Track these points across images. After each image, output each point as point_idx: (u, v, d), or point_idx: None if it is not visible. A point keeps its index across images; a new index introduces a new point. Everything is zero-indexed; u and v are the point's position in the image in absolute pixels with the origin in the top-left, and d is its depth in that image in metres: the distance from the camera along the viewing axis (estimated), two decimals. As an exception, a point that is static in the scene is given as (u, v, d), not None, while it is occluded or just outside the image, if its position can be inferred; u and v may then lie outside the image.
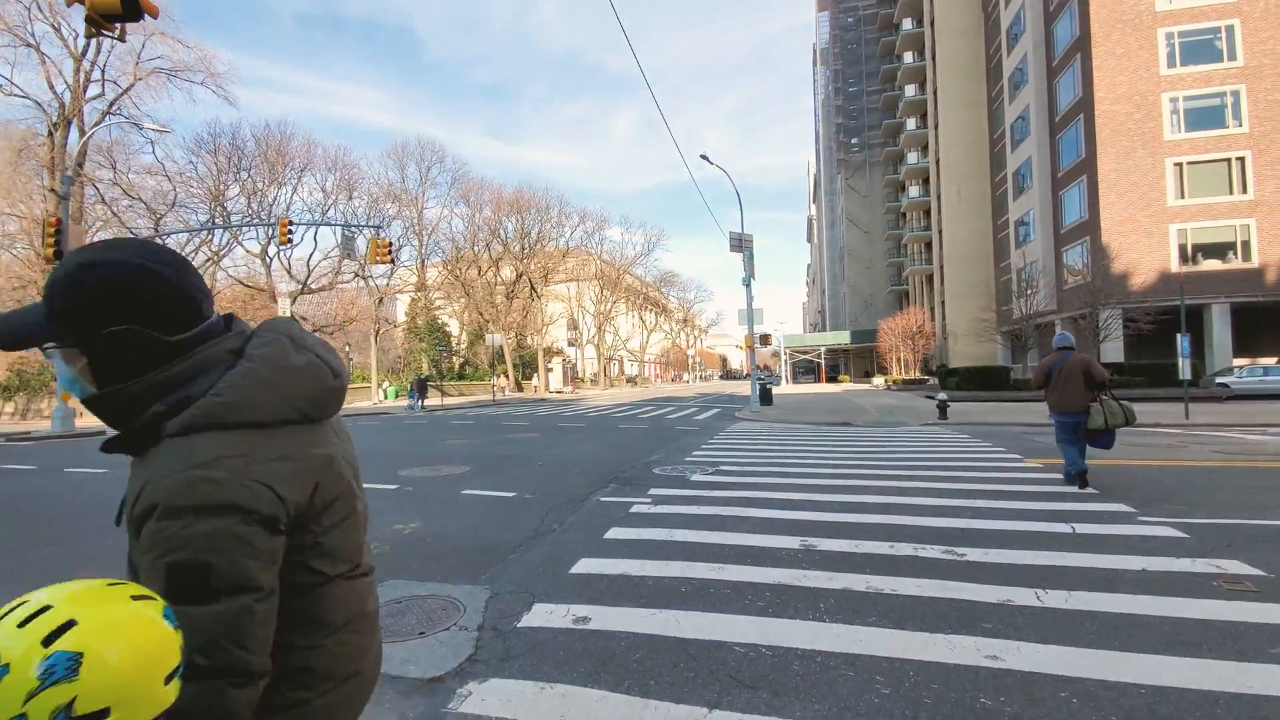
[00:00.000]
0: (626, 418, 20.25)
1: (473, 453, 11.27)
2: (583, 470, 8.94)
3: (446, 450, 11.72)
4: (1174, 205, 28.55)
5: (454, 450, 11.71)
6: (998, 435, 13.06)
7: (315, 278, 46.24)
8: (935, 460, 9.44)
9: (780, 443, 12.16)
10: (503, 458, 10.37)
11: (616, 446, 11.94)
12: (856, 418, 18.79)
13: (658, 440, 12.97)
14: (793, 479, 7.91)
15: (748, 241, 22.96)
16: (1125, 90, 29.14)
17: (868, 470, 8.52)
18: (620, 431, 15.21)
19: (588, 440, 13.17)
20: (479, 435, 14.60)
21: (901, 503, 6.42)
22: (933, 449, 10.86)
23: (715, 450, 11.04)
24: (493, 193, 50.29)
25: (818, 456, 10.05)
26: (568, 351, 72.80)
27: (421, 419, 21.48)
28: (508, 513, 6.38)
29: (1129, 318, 25.66)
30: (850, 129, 70.43)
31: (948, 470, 8.44)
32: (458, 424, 18.46)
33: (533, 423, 18.30)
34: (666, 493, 7.15)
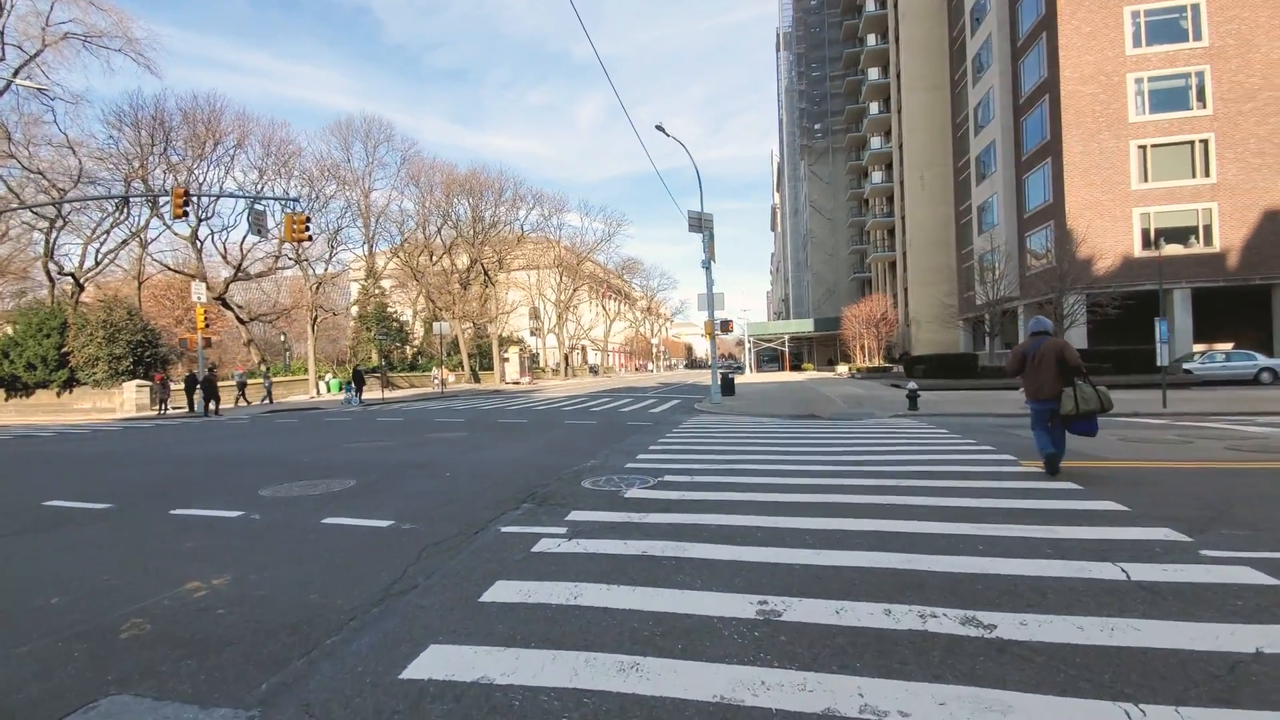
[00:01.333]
0: (576, 411, 18.59)
1: (374, 459, 9.46)
2: (497, 483, 7.26)
3: (342, 457, 9.87)
4: (1138, 188, 28.12)
5: (353, 457, 9.88)
6: (977, 430, 11.84)
7: (250, 262, 43.15)
8: (918, 463, 8.06)
9: (740, 441, 10.68)
10: (406, 467, 8.60)
11: (552, 448, 10.28)
12: (822, 409, 17.51)
13: (602, 439, 11.36)
14: (752, 493, 6.39)
15: (707, 221, 21.42)
16: (1091, 70, 28.51)
17: (842, 479, 7.06)
18: (564, 428, 13.55)
19: (522, 440, 11.47)
20: (398, 436, 12.75)
21: (890, 530, 4.94)
22: (911, 448, 9.50)
23: (665, 452, 9.49)
24: (444, 173, 47.61)
25: (782, 459, 8.58)
26: (529, 341, 70.59)
27: (346, 416, 19.42)
28: (367, 555, 4.68)
29: (1095, 303, 25.07)
30: (813, 114, 69.55)
31: (936, 478, 7.03)
32: (385, 421, 16.51)
33: (470, 419, 16.48)
34: (590, 518, 5.54)
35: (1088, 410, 6.57)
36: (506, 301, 66.74)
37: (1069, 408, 6.58)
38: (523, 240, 50.06)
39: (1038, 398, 6.87)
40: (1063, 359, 6.65)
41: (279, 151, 38.74)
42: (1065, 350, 6.69)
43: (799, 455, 8.92)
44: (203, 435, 14.60)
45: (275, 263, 42.96)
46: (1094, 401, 6.57)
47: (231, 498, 6.86)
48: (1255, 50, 27.60)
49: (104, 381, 26.55)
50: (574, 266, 60.96)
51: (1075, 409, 6.56)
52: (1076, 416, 6.64)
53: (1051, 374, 6.71)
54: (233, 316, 45.37)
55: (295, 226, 17.41)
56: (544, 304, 63.14)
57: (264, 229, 17.99)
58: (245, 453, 10.86)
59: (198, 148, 38.08)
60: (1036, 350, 6.88)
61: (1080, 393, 6.58)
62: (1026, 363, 6.97)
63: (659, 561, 4.28)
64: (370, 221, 50.21)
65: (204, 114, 38.15)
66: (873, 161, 55.90)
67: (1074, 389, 6.62)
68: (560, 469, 8.13)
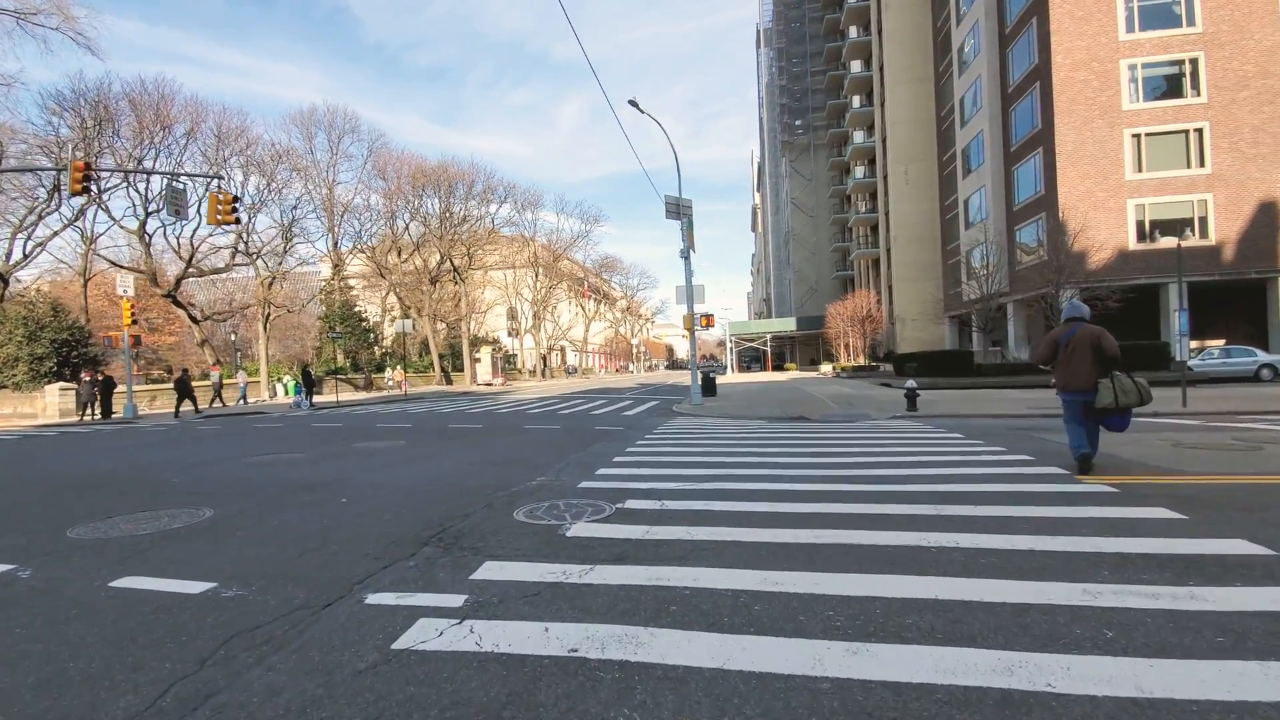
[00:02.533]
0: (543, 415, 16.79)
1: (267, 478, 7.60)
2: (402, 513, 5.47)
3: (232, 474, 8.00)
4: (1132, 179, 27.08)
5: (245, 474, 8.01)
6: (989, 432, 10.29)
7: (202, 257, 40.54)
8: (937, 478, 6.44)
9: (722, 450, 8.99)
10: (299, 489, 6.76)
11: (499, 460, 8.51)
12: (812, 410, 15.93)
13: (562, 448, 9.60)
14: (740, 527, 4.69)
15: (685, 207, 19.77)
16: (1083, 56, 27.43)
17: (853, 503, 5.40)
18: (521, 435, 11.76)
19: (466, 450, 9.66)
20: (321, 445, 10.84)
21: (955, 598, 3.26)
22: (924, 458, 7.90)
23: (632, 465, 7.77)
24: (412, 165, 45.39)
25: (773, 473, 6.91)
26: (506, 342, 68.47)
27: (281, 422, 17.39)
28: (119, 660, 2.87)
29: (1093, 296, 23.86)
30: (795, 110, 68.46)
31: (965, 500, 5.40)
32: (321, 427, 14.54)
33: (418, 424, 14.59)
34: (507, 575, 3.79)
35: (1127, 404, 6.04)
36: (481, 301, 64.62)
37: (1106, 400, 6.04)
38: (494, 235, 47.92)
39: (1070, 389, 6.35)
40: (1100, 347, 6.12)
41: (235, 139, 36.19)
42: (1103, 338, 6.15)
43: (793, 468, 7.25)
44: (96, 445, 12.55)
45: (233, 258, 40.40)
46: (1134, 395, 6.03)
47: (28, 538, 4.98)
48: (1249, 37, 26.72)
49: (25, 384, 24.10)
50: (550, 264, 59.02)
51: (1114, 402, 6.03)
52: (1114, 410, 6.11)
53: (1087, 364, 6.17)
54: (185, 315, 42.67)
55: (220, 208, 15.38)
56: (520, 304, 61.11)
57: (183, 209, 15.91)
58: (117, 469, 8.91)
59: (146, 135, 35.42)
60: (1071, 338, 6.33)
61: (1119, 384, 6.06)
62: (1059, 351, 6.41)
63: (595, 675, 2.54)
64: (334, 216, 47.83)
65: (152, 99, 35.51)
66: (855, 157, 54.78)
67: (1112, 380, 6.10)
68: (496, 489, 6.36)
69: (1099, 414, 6.30)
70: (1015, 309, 30.96)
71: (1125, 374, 6.15)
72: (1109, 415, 6.24)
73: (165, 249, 39.82)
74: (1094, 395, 6.18)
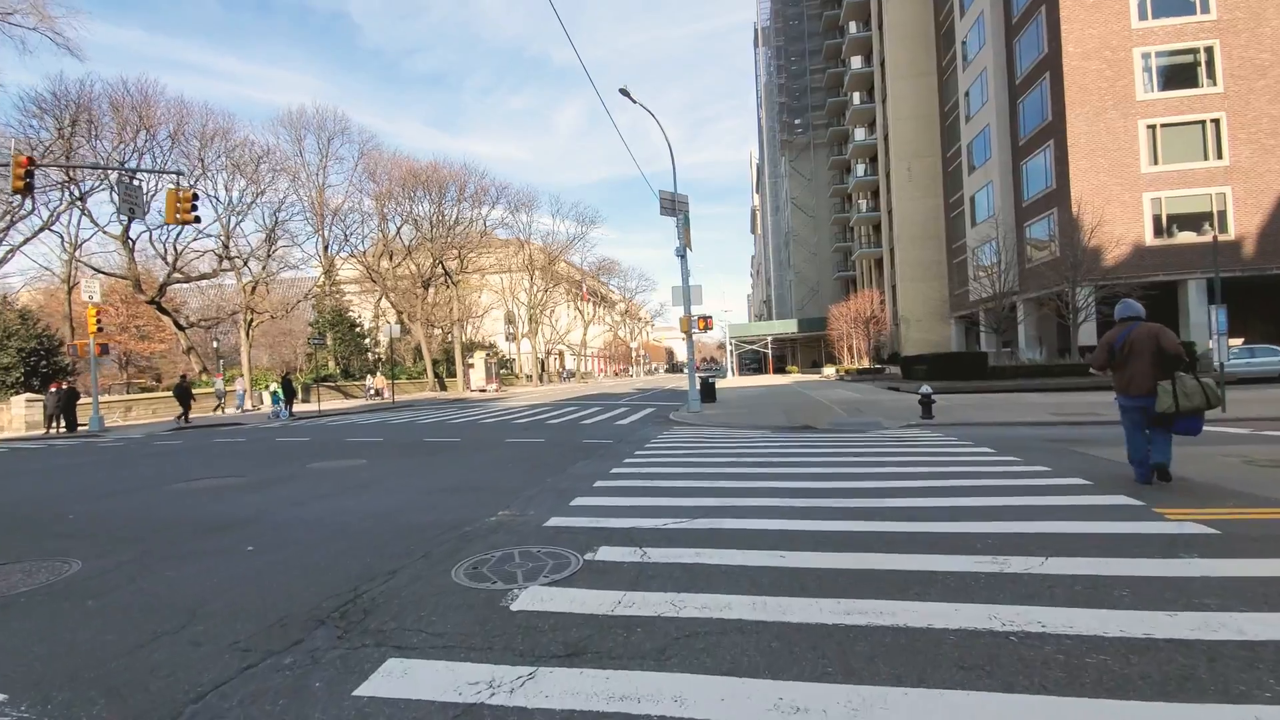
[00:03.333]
0: (529, 425, 15.66)
1: (183, 511, 6.47)
2: (313, 569, 4.34)
3: (146, 504, 6.87)
4: (1148, 171, 25.99)
5: (162, 503, 6.88)
6: (1026, 446, 9.16)
7: (187, 261, 39.46)
8: (983, 513, 5.30)
9: (719, 472, 7.85)
10: (205, 530, 5.62)
11: (463, 485, 7.37)
12: (818, 418, 14.80)
13: (540, 467, 8.47)
14: (734, 595, 3.56)
15: (681, 204, 18.66)
16: (1095, 44, 26.36)
17: (875, 550, 4.27)
18: (499, 451, 10.62)
19: (430, 472, 8.52)
20: (268, 466, 9.69)
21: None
22: (958, 482, 6.76)
23: (614, 493, 6.63)
24: (403, 167, 44.35)
25: (777, 508, 5.77)
26: (504, 347, 67.40)
27: (244, 436, 16.27)
28: None
29: (1113, 294, 22.67)
30: (794, 109, 67.45)
31: (1029, 548, 4.28)
32: (285, 441, 13.40)
33: (391, 438, 13.44)
34: (404, 692, 2.66)
35: (1190, 408, 5.61)
36: (478, 305, 63.53)
37: (1166, 404, 5.64)
38: (487, 237, 46.84)
39: (1128, 392, 5.98)
40: (1160, 348, 5.73)
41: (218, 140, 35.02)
42: (1162, 337, 5.76)
43: (803, 495, 6.11)
44: (30, 465, 11.41)
45: (220, 263, 39.28)
46: (1198, 397, 5.61)
47: None
48: (1265, 24, 25.66)
49: (-9, 396, 22.97)
50: (546, 267, 57.96)
51: (1174, 405, 5.61)
52: (1177, 415, 5.70)
53: (1145, 365, 5.80)
54: (171, 322, 41.52)
55: (179, 205, 14.27)
56: (518, 308, 60.05)
57: (138, 207, 14.80)
58: (21, 497, 7.79)
59: (128, 135, 34.31)
60: (1126, 338, 5.98)
61: (1181, 386, 5.64)
62: (1115, 353, 6.07)
63: None
64: (324, 220, 46.78)
65: (134, 100, 34.42)
66: (856, 155, 53.72)
67: (1173, 383, 5.68)
68: (446, 529, 5.22)
69: (1162, 421, 5.83)
70: (1026, 308, 29.84)
71: (1190, 374, 5.72)
72: (1176, 421, 5.79)
73: (156, 255, 38.82)
74: (1153, 399, 5.74)
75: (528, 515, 5.65)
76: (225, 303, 50.59)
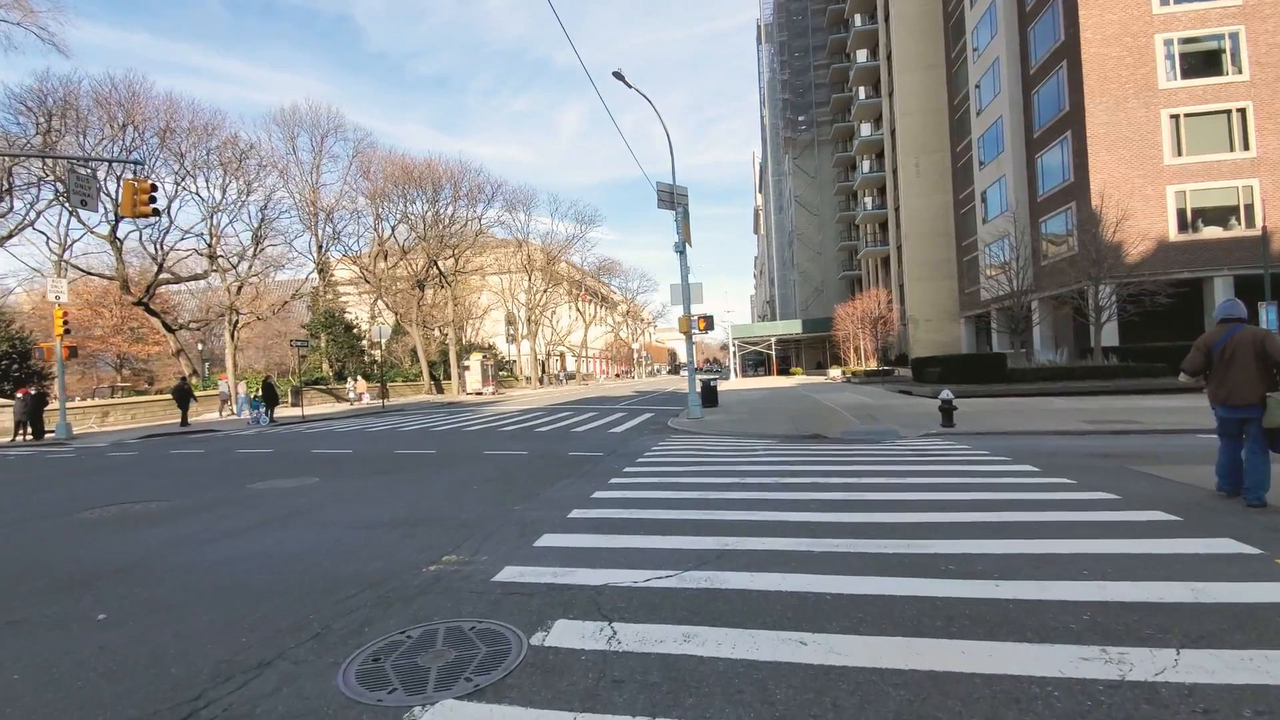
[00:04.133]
0: (516, 433, 14.52)
1: (46, 556, 5.32)
2: (159, 657, 3.21)
3: (22, 545, 5.74)
4: (1171, 163, 24.72)
5: (38, 544, 5.75)
6: (1075, 463, 7.96)
7: (175, 262, 38.45)
8: (1050, 563, 4.14)
9: (719, 497, 6.68)
10: (68, 583, 4.45)
11: (410, 518, 6.21)
12: (829, 425, 13.63)
13: (512, 490, 7.32)
14: (736, 707, 2.39)
15: (680, 196, 17.50)
16: (1115, 30, 25.12)
17: (923, 630, 3.10)
18: (473, 467, 9.48)
19: (387, 493, 7.38)
20: (206, 486, 8.54)
21: None
22: (1003, 515, 5.60)
23: (590, 526, 5.48)
24: (397, 165, 43.28)
25: (789, 553, 4.60)
26: (505, 348, 66.33)
27: (207, 445, 15.15)
28: None
29: (1141, 291, 21.47)
30: (798, 106, 66.21)
31: (1143, 634, 3.13)
32: (245, 454, 12.27)
33: (361, 450, 12.30)
34: None
35: None
36: (478, 306, 62.44)
37: (1277, 419, 5.07)
38: (482, 235, 45.72)
39: (1229, 403, 5.47)
40: (1265, 353, 5.27)
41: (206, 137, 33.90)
42: (1268, 341, 5.31)
43: (820, 533, 4.94)
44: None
45: (212, 264, 38.22)
46: None
47: None
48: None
49: (-41, 401, 21.91)
50: (545, 267, 56.85)
51: None
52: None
53: (1248, 373, 5.32)
54: (159, 323, 40.49)
55: (137, 196, 13.17)
56: (517, 309, 58.98)
57: (90, 199, 13.70)
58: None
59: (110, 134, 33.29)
60: (1226, 342, 5.46)
61: None
62: (1212, 359, 5.58)
63: None
64: (318, 220, 45.76)
65: (121, 97, 33.39)
66: (862, 151, 52.46)
67: None
68: (365, 586, 4.07)
69: (1272, 436, 5.26)
70: (1041, 307, 28.57)
71: None
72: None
73: (148, 256, 37.84)
74: (1258, 412, 5.24)
75: (476, 563, 4.49)
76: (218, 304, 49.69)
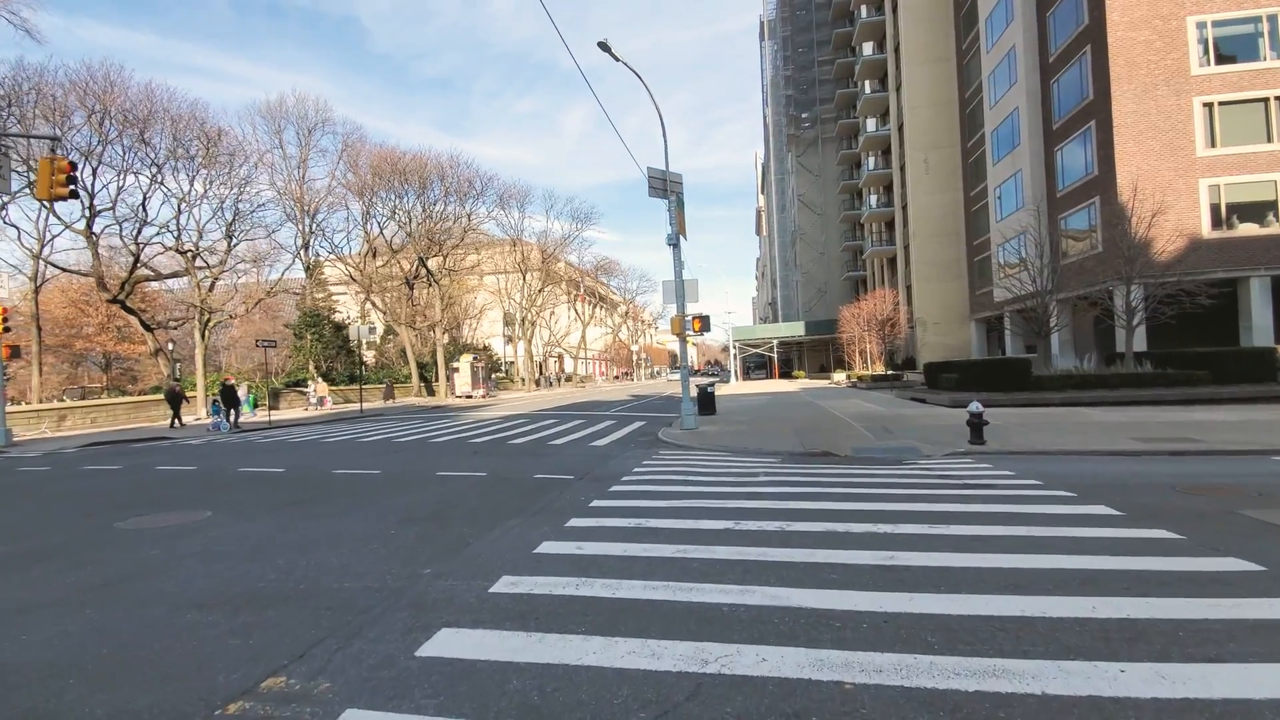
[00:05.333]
0: (486, 447, 12.85)
1: None
2: None
3: None
4: (1205, 155, 23.00)
5: None
6: (1161, 508, 6.28)
7: (150, 258, 36.81)
8: (1239, 708, 2.42)
9: (709, 544, 4.99)
10: None
11: (266, 593, 4.54)
12: (838, 439, 11.96)
13: (443, 533, 5.67)
14: None
15: (674, 183, 15.83)
16: (1144, 13, 23.42)
17: None
18: (414, 492, 7.81)
19: (276, 545, 5.71)
20: (75, 521, 6.87)
21: None
22: (1107, 601, 3.92)
23: (522, 616, 3.83)
24: (385, 158, 41.66)
25: (806, 662, 2.92)
26: (504, 349, 64.75)
27: (131, 458, 13.49)
28: None
29: (1180, 290, 19.73)
30: (801, 102, 64.53)
31: None
32: (165, 471, 10.61)
33: (298, 467, 10.63)
34: None
35: None
36: (473, 306, 60.80)
37: None
38: (471, 231, 44.07)
39: None
40: None
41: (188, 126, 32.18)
42: None
43: (851, 620, 3.27)
44: None
45: (193, 261, 36.57)
46: None
47: None
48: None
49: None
50: (541, 266, 55.20)
51: None
52: None
53: None
54: (137, 322, 38.87)
55: (55, 178, 11.53)
56: (515, 309, 57.38)
57: (2, 179, 12.08)
58: None
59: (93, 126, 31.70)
60: None
61: None
62: None
63: None
64: (305, 216, 44.14)
65: (97, 87, 31.77)
66: (868, 147, 50.74)
67: None
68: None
69: None
70: (1059, 310, 26.83)
71: None
72: None
73: (155, 254, 36.32)
74: None
75: (309, 698, 2.82)
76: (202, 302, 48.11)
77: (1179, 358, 19.07)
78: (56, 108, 29.82)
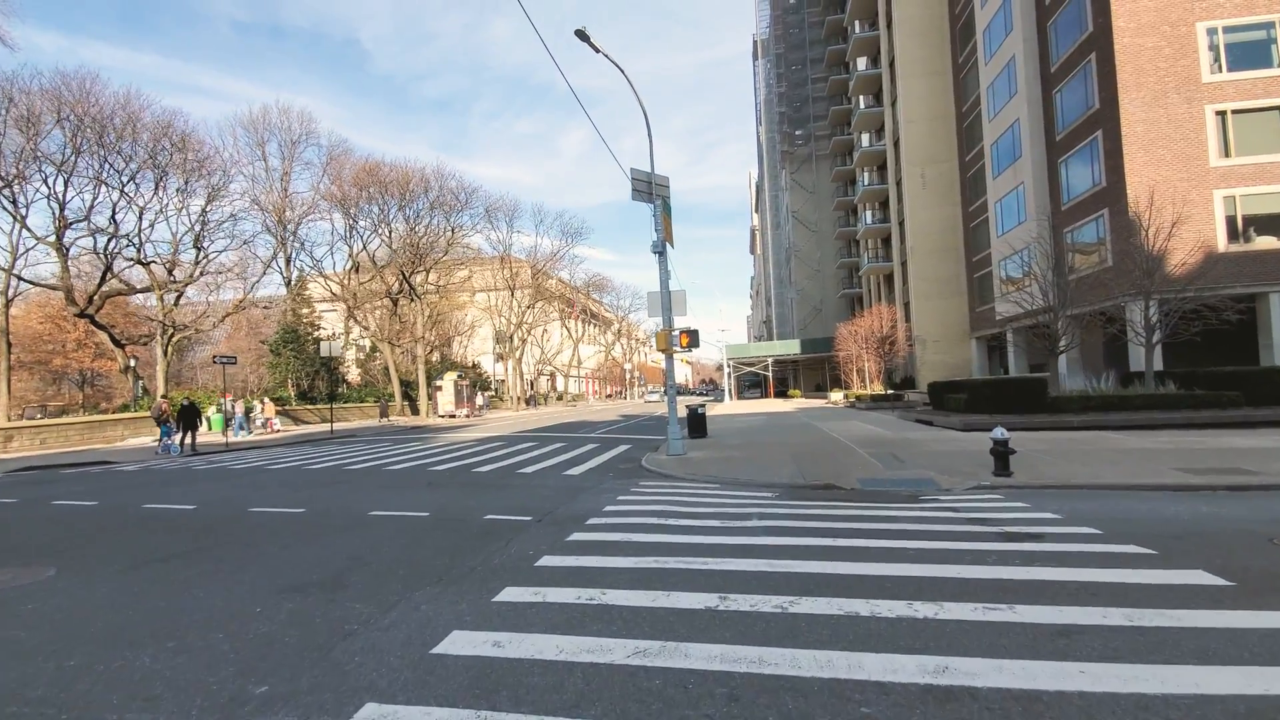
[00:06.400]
0: (445, 475, 11.35)
1: None
2: None
3: None
4: (1218, 165, 21.98)
5: None
6: (1256, 564, 4.86)
7: (122, 269, 35.30)
8: None
9: (678, 638, 3.52)
10: None
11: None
12: (842, 470, 10.51)
13: (326, 617, 4.19)
14: None
15: (660, 186, 14.54)
16: (1151, 19, 22.54)
17: None
18: (334, 540, 6.32)
19: (96, 634, 4.23)
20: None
21: None
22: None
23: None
24: (367, 169, 40.48)
25: None
26: (495, 367, 63.15)
27: (17, 497, 11.91)
28: None
29: (1203, 305, 18.49)
30: (795, 120, 64.04)
31: None
32: (64, 507, 9.07)
33: (218, 498, 9.10)
34: None
35: None
36: (463, 323, 59.40)
37: None
38: (455, 244, 42.79)
39: None
40: None
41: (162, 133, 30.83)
42: None
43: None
44: None
45: (169, 274, 35.05)
46: None
47: None
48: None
49: None
50: (531, 283, 53.93)
51: None
52: None
53: None
54: (107, 338, 37.22)
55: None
56: (505, 326, 56.00)
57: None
58: None
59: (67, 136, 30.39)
60: None
61: None
62: None
63: None
64: (286, 231, 42.79)
65: (72, 95, 30.54)
66: (863, 162, 49.95)
67: None
68: None
69: None
70: (1067, 327, 25.60)
71: None
72: None
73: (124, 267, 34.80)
74: None
75: None
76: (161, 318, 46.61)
77: (1206, 377, 17.77)
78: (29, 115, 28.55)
